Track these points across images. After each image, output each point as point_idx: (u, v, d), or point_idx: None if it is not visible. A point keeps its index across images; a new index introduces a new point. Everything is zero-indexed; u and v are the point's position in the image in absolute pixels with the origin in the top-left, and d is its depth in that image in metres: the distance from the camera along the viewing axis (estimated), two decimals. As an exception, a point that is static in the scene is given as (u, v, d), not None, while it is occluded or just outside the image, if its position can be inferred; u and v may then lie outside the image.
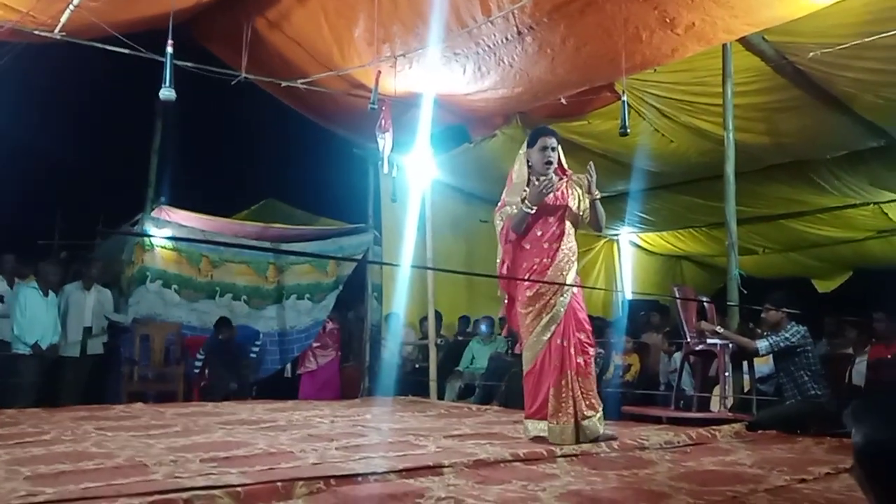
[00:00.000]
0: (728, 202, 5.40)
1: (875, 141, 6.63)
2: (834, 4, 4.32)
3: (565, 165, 4.14)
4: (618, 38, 4.74)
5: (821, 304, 9.80)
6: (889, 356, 5.72)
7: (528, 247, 3.96)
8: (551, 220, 3.95)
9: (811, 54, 5.11)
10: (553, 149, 3.98)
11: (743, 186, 5.94)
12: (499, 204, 4.11)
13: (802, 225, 8.96)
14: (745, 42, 5.25)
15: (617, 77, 5.42)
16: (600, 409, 3.91)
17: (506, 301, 4.17)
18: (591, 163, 4.08)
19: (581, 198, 4.04)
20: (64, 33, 5.02)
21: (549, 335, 3.85)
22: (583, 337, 3.90)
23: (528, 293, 3.90)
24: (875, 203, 8.09)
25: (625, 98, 5.01)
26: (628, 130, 4.97)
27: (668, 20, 4.55)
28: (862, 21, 4.72)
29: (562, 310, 3.85)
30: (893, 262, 9.58)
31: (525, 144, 4.10)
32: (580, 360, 3.85)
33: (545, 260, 3.90)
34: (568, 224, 3.98)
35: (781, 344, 4.73)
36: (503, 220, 4.03)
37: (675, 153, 7.08)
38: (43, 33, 5.00)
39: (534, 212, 3.88)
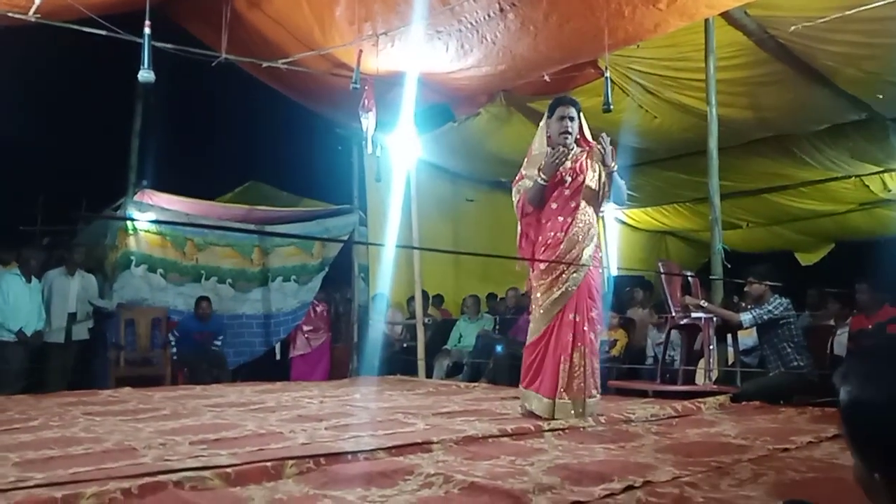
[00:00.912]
0: (711, 177, 5.43)
1: (856, 114, 6.67)
2: (815, -23, 4.32)
3: (588, 136, 4.07)
4: (600, 13, 4.72)
5: (804, 277, 9.91)
6: (870, 326, 5.80)
7: (543, 220, 3.93)
8: (567, 192, 3.90)
9: (793, 28, 5.11)
10: (571, 118, 3.93)
11: (726, 161, 5.97)
12: (516, 177, 4.08)
13: (785, 199, 9.03)
14: (727, 17, 5.24)
15: (600, 53, 5.40)
16: (599, 392, 3.93)
17: (530, 275, 4.12)
18: (603, 133, 3.95)
19: (601, 171, 3.96)
20: (39, 15, 4.93)
21: (558, 309, 3.82)
22: (594, 314, 3.88)
23: (541, 266, 3.87)
24: (856, 176, 8.16)
25: (608, 74, 5.01)
26: (611, 107, 4.97)
27: (650, -5, 4.53)
28: (843, -6, 4.72)
29: (574, 286, 3.82)
30: (874, 234, 9.70)
31: (545, 115, 4.04)
32: (592, 336, 3.85)
33: (559, 234, 3.87)
34: (585, 197, 3.91)
35: (765, 316, 4.80)
36: (520, 193, 4.01)
37: (659, 129, 7.09)
38: (17, 15, 4.91)
39: (547, 184, 3.85)
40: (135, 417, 4.10)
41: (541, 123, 4.09)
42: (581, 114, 4.05)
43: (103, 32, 5.16)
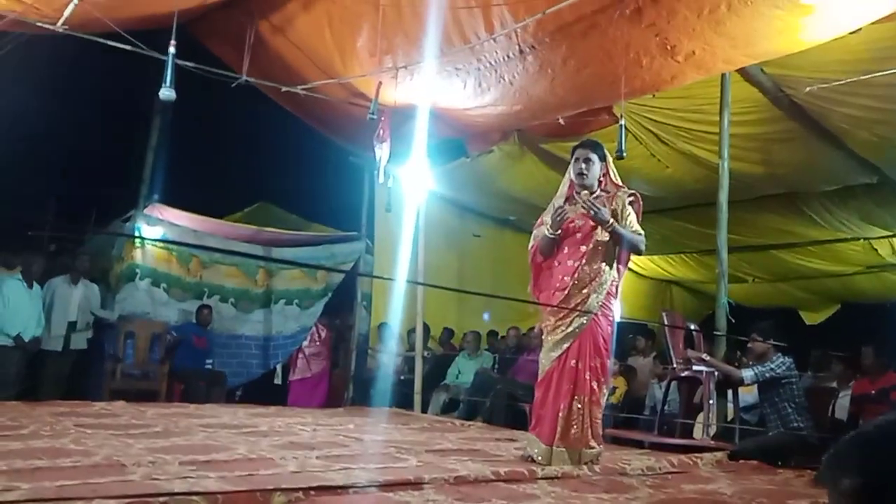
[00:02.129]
0: (720, 230, 5.43)
1: (868, 177, 6.68)
2: (833, 41, 4.37)
3: (615, 179, 4.06)
4: (618, 61, 4.77)
5: (808, 336, 9.85)
6: (873, 391, 5.74)
7: (556, 264, 3.95)
8: (578, 236, 3.90)
9: (808, 88, 5.16)
10: (587, 160, 3.93)
11: (735, 215, 5.98)
12: (538, 220, 4.13)
13: (792, 256, 9.02)
14: (743, 73, 5.30)
15: (616, 100, 5.45)
16: (601, 445, 3.86)
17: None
18: (582, 192, 3.94)
19: (620, 215, 3.93)
20: (66, 27, 5.01)
21: (559, 352, 3.79)
22: (599, 363, 3.81)
23: (549, 308, 3.88)
24: (865, 238, 8.16)
25: (622, 122, 5.04)
26: (625, 154, 4.99)
27: (668, 47, 4.58)
28: (859, 59, 4.77)
29: (578, 331, 3.78)
30: (881, 297, 9.66)
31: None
32: (594, 385, 3.78)
33: (566, 278, 3.85)
34: (595, 243, 3.87)
35: (767, 374, 4.75)
36: (535, 239, 4.06)
37: (671, 178, 7.12)
38: (45, 25, 4.99)
39: (556, 237, 3.89)
40: (126, 433, 4.06)
41: (568, 168, 4.12)
42: (608, 158, 4.06)
43: (128, 48, 5.24)
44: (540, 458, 3.73)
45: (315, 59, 6.08)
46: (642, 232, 4.02)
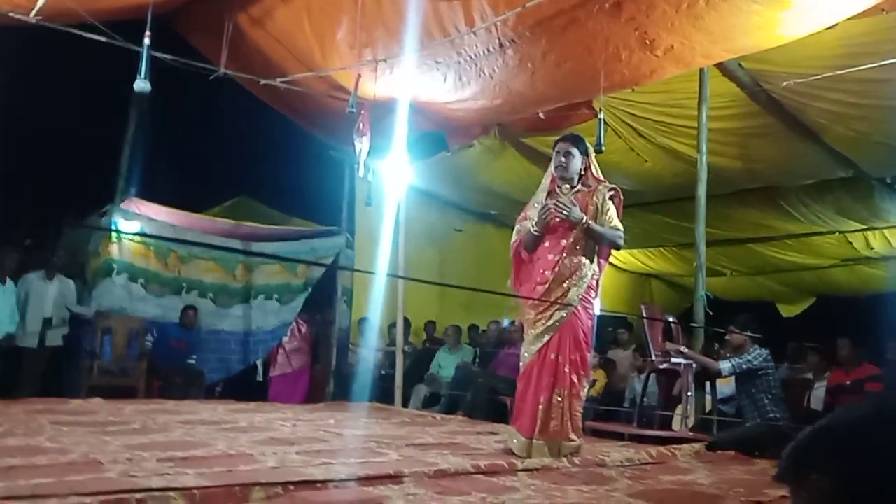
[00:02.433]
0: (698, 224, 5.47)
1: (844, 171, 6.77)
2: (809, 36, 4.41)
3: (597, 173, 4.06)
4: (598, 56, 4.78)
5: (784, 329, 9.97)
6: (848, 382, 5.83)
7: (536, 258, 3.95)
8: (560, 230, 3.89)
9: (785, 83, 5.21)
10: (567, 153, 3.93)
11: (713, 209, 6.03)
12: (521, 214, 4.11)
13: (770, 250, 9.12)
14: (722, 67, 5.34)
15: (595, 94, 5.47)
16: (581, 438, 3.87)
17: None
18: (563, 187, 3.96)
19: (599, 210, 3.93)
20: (40, 17, 4.92)
21: (539, 345, 3.79)
22: (579, 356, 3.81)
23: (530, 301, 3.88)
24: (840, 232, 8.27)
25: (602, 116, 5.06)
26: (603, 148, 5.00)
27: (647, 42, 4.60)
28: (835, 54, 4.83)
29: (558, 324, 3.78)
30: (856, 290, 9.80)
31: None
32: (574, 378, 3.78)
33: (546, 272, 3.86)
34: (575, 237, 3.87)
35: (744, 366, 4.80)
36: (518, 234, 4.05)
37: (650, 173, 7.16)
38: (18, 16, 4.90)
39: (539, 234, 3.89)
40: (103, 430, 4.02)
41: (551, 162, 4.12)
42: (590, 152, 4.06)
43: (103, 39, 5.16)
44: (520, 450, 3.74)
45: (294, 52, 6.04)
46: (621, 227, 4.02)
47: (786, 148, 6.34)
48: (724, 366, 4.87)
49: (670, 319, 5.93)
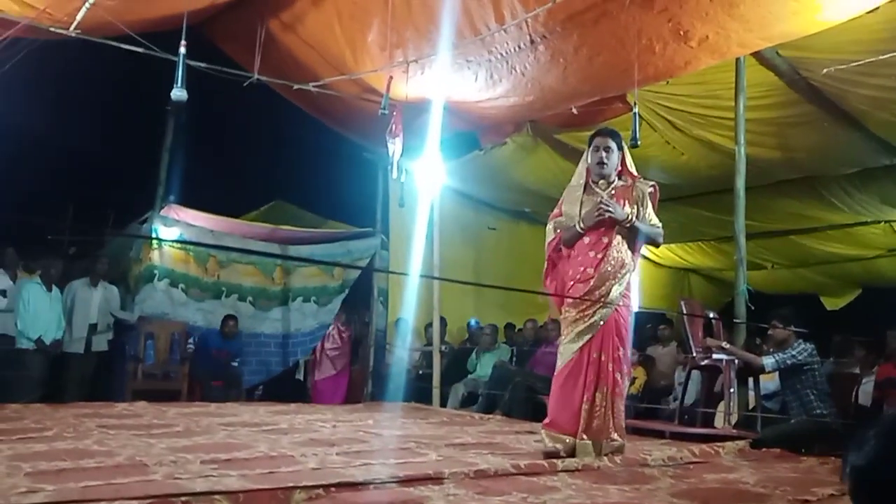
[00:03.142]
0: (738, 216, 5.37)
1: (888, 159, 6.57)
2: (849, 21, 4.29)
3: (631, 168, 4.01)
4: (631, 48, 4.72)
5: (829, 322, 9.73)
6: (898, 375, 5.66)
7: (574, 253, 3.87)
8: (602, 227, 3.82)
9: (825, 70, 5.07)
10: (608, 149, 3.87)
11: (753, 201, 5.90)
12: (555, 210, 4.03)
13: (812, 241, 8.90)
14: (758, 56, 5.22)
15: (629, 88, 5.39)
16: (623, 438, 3.80)
17: (552, 307, 4.07)
18: (601, 200, 3.83)
19: (640, 206, 3.90)
20: (79, 31, 5.05)
21: (581, 344, 3.72)
22: (621, 354, 3.77)
23: (569, 299, 3.80)
24: (886, 221, 8.04)
25: (636, 110, 4.99)
26: (639, 143, 4.94)
27: (681, 33, 4.52)
28: (877, 38, 4.68)
29: (601, 322, 3.72)
30: (903, 281, 9.51)
31: (587, 146, 4.02)
32: (618, 376, 3.73)
33: (589, 269, 3.78)
34: (618, 234, 3.82)
35: (788, 361, 4.70)
36: (556, 230, 3.97)
37: (686, 166, 7.05)
38: (58, 30, 5.03)
39: (583, 231, 3.81)
40: (148, 433, 4.11)
41: (583, 156, 4.06)
42: (625, 147, 4.01)
43: (140, 50, 5.27)
44: (562, 450, 3.66)
45: (326, 56, 6.08)
46: (660, 224, 3.99)
47: (826, 136, 6.17)
48: (768, 361, 4.77)
49: (711, 315, 5.82)
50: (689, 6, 4.28)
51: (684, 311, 5.89)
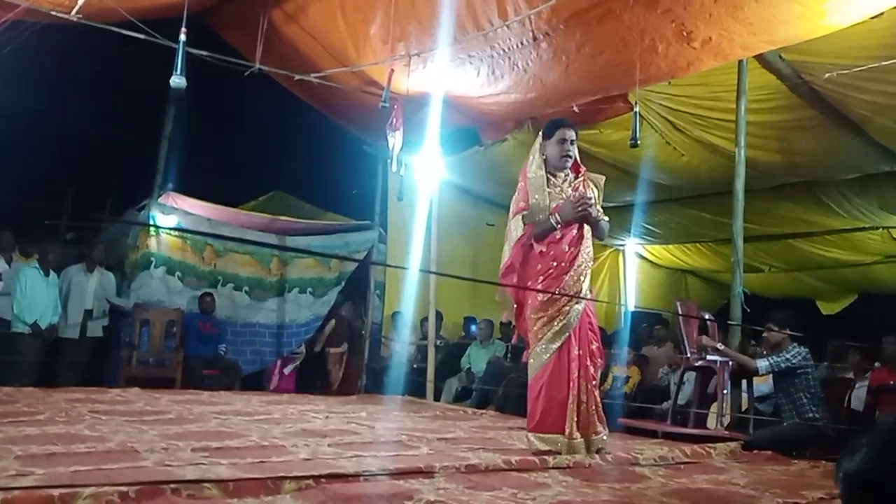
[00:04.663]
0: (736, 219, 5.37)
1: (888, 165, 6.58)
2: (853, 26, 4.28)
3: (579, 161, 3.98)
4: (634, 48, 4.71)
5: (824, 326, 9.74)
6: (892, 382, 5.67)
7: (544, 249, 3.76)
8: (573, 221, 3.77)
9: (827, 75, 5.08)
10: (573, 141, 3.84)
11: (752, 204, 5.90)
12: (520, 204, 3.89)
13: (809, 245, 8.91)
14: (761, 59, 5.21)
15: (631, 88, 5.39)
16: (606, 428, 3.81)
17: (514, 306, 3.94)
18: (584, 195, 3.78)
19: (597, 199, 3.89)
20: (81, 16, 5.03)
21: (559, 343, 3.68)
22: (595, 348, 3.78)
23: (541, 297, 3.71)
24: (884, 227, 8.04)
25: (637, 109, 4.98)
26: (639, 142, 4.93)
27: (685, 34, 4.52)
28: (880, 44, 4.68)
29: (575, 318, 3.70)
30: (900, 287, 9.52)
31: (540, 135, 3.93)
32: (592, 370, 3.74)
33: (563, 264, 3.72)
34: (586, 228, 3.81)
35: (782, 364, 4.70)
36: (524, 223, 3.82)
37: (686, 167, 7.05)
38: (60, 14, 5.01)
39: (558, 227, 3.74)
40: (140, 419, 4.10)
41: (534, 145, 3.96)
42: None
43: (142, 36, 5.25)
44: (555, 451, 3.62)
45: (328, 47, 6.07)
46: (607, 218, 3.97)
47: (827, 141, 6.18)
48: (762, 364, 4.78)
49: (706, 316, 5.83)
50: (693, 7, 4.27)
51: (680, 312, 5.89)
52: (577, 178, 3.93)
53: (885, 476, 0.89)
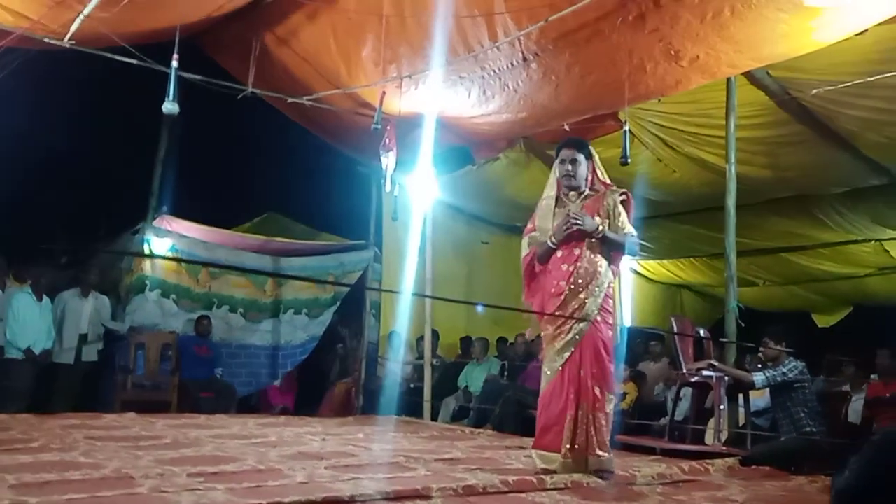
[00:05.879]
0: (728, 234, 5.39)
1: (878, 179, 6.64)
2: (839, 42, 4.34)
3: (603, 177, 3.95)
4: (622, 67, 4.76)
5: (820, 339, 9.75)
6: (887, 395, 5.67)
7: (550, 268, 3.82)
8: (573, 239, 3.76)
9: (815, 91, 5.13)
10: (573, 161, 3.82)
11: (744, 219, 5.94)
12: (528, 225, 3.98)
13: (803, 259, 8.95)
14: (749, 76, 5.27)
15: (620, 106, 5.44)
16: (611, 452, 3.72)
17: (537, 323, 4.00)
18: (568, 212, 3.79)
19: (612, 213, 3.82)
20: (73, 42, 5.05)
21: (561, 361, 3.66)
22: (602, 370, 3.68)
23: (546, 315, 3.74)
24: (876, 240, 8.09)
25: (627, 127, 5.03)
26: (629, 160, 4.97)
27: (672, 52, 4.57)
28: (867, 60, 4.74)
29: (577, 336, 3.66)
30: (893, 299, 9.56)
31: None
32: (597, 392, 3.66)
33: (560, 282, 3.73)
34: (589, 246, 3.76)
35: (779, 378, 4.71)
36: (530, 245, 3.90)
37: (677, 183, 7.09)
38: (53, 41, 5.04)
39: (556, 246, 3.77)
40: (136, 445, 4.08)
41: (552, 168, 4.03)
42: (594, 156, 3.95)
43: (134, 61, 5.28)
44: (548, 468, 3.62)
45: (320, 70, 6.11)
46: (635, 232, 3.90)
47: (817, 156, 6.23)
48: (758, 378, 4.77)
49: (701, 332, 5.84)
50: (680, 27, 4.32)
51: (675, 329, 5.90)
52: (589, 195, 3.89)
53: (871, 491, 0.90)
